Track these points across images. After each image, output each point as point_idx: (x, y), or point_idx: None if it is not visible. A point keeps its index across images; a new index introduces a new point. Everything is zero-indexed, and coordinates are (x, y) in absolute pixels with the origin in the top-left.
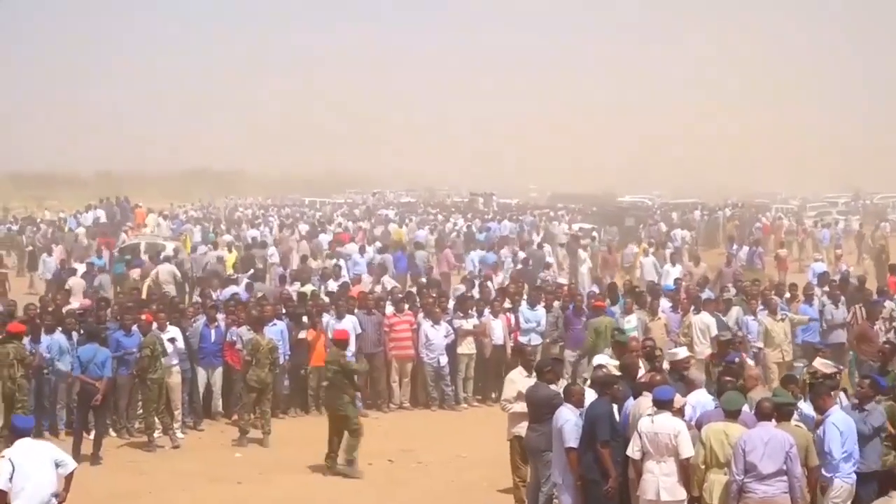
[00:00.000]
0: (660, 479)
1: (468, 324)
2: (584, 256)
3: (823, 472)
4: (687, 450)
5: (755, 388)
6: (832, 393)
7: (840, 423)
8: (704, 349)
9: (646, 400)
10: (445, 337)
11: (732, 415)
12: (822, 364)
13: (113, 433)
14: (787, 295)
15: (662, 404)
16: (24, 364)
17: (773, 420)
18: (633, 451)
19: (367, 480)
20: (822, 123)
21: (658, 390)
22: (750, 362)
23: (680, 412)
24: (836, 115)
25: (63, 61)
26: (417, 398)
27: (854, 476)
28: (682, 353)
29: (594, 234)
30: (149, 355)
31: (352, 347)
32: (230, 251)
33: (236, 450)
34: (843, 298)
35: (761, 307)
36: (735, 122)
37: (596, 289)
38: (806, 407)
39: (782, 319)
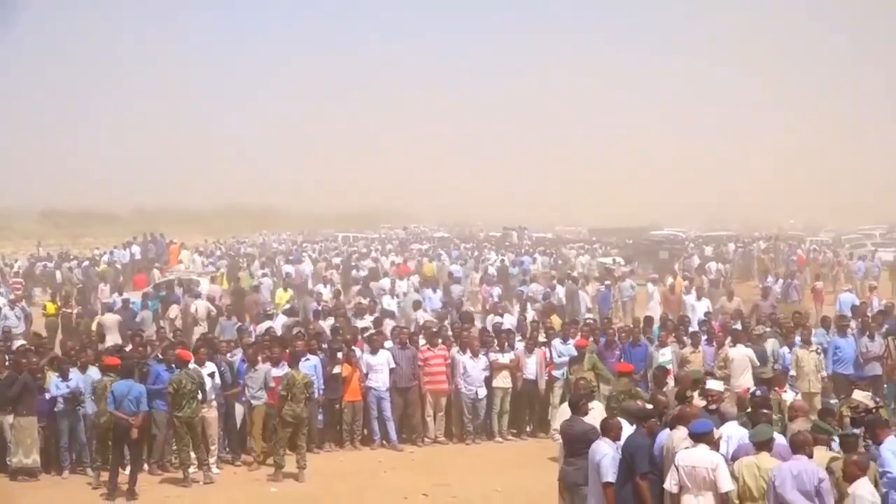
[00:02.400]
0: None
1: (504, 358)
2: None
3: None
4: (726, 483)
5: (797, 419)
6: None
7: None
8: (744, 383)
9: (680, 433)
10: (484, 370)
11: (762, 446)
12: (862, 396)
13: (146, 468)
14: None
15: (700, 437)
16: None
17: (808, 453)
18: (670, 484)
19: None
20: (856, 155)
21: (696, 423)
22: (788, 396)
23: (717, 445)
24: (870, 147)
25: (97, 97)
26: (452, 432)
27: None
28: (718, 386)
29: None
30: (172, 392)
31: (386, 381)
32: (285, 290)
33: (272, 484)
34: (880, 330)
35: (799, 341)
36: (770, 154)
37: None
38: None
39: (816, 351)
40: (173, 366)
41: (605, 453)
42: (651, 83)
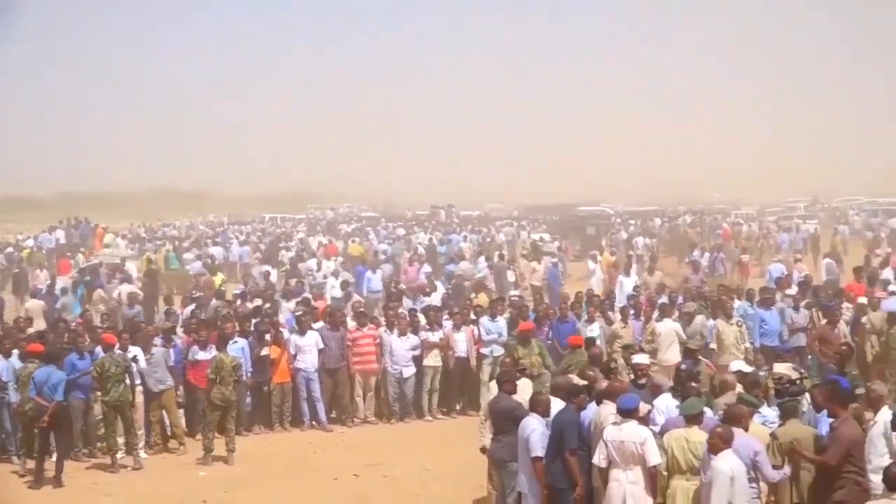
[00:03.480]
0: (626, 487)
1: (434, 336)
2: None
3: None
4: (654, 457)
5: (727, 393)
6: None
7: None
8: (672, 356)
9: (607, 408)
10: (413, 349)
11: (692, 420)
12: (785, 368)
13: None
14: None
15: (628, 412)
16: None
17: (744, 426)
18: (599, 459)
19: (333, 496)
20: (781, 130)
21: (623, 398)
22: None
23: (645, 420)
24: (796, 122)
25: (19, 82)
26: (382, 412)
27: None
28: (643, 359)
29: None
30: (96, 376)
31: (315, 362)
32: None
33: (201, 468)
34: (803, 302)
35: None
36: (696, 130)
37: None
38: (769, 412)
39: (738, 324)
40: (86, 353)
41: (535, 428)
42: (583, 61)
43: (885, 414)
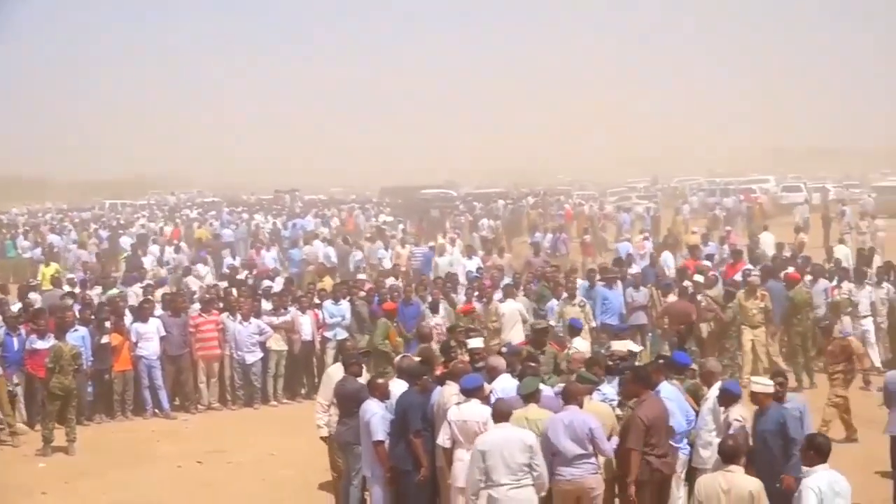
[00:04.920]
0: None
1: (278, 320)
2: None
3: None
4: None
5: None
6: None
7: (670, 395)
8: (515, 336)
9: (450, 388)
10: (259, 334)
11: (529, 398)
12: (621, 345)
13: None
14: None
15: (470, 392)
16: None
17: (578, 402)
18: (443, 439)
19: (177, 484)
20: (625, 112)
21: (465, 378)
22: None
23: (488, 400)
24: (634, 101)
25: None
26: (226, 398)
27: (688, 448)
28: (477, 343)
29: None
30: None
31: (157, 350)
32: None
33: (40, 460)
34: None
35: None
36: (540, 113)
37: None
38: (608, 389)
39: (579, 304)
40: None
41: (374, 412)
42: (426, 40)
43: (715, 390)
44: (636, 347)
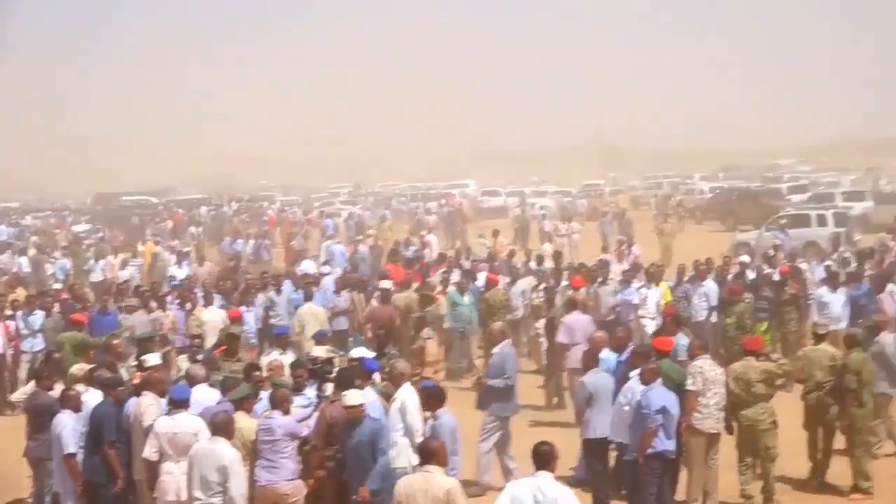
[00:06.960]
0: (180, 479)
1: None
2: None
3: None
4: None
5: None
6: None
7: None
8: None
9: (146, 399)
10: None
11: (239, 404)
12: (323, 350)
13: None
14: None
15: (179, 404)
16: None
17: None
18: (150, 452)
19: None
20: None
21: (174, 389)
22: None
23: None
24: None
25: None
26: None
27: None
28: (153, 360)
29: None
30: None
31: None
32: None
33: None
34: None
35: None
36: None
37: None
38: (311, 392)
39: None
40: None
41: (65, 425)
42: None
43: (402, 392)
44: (335, 353)
